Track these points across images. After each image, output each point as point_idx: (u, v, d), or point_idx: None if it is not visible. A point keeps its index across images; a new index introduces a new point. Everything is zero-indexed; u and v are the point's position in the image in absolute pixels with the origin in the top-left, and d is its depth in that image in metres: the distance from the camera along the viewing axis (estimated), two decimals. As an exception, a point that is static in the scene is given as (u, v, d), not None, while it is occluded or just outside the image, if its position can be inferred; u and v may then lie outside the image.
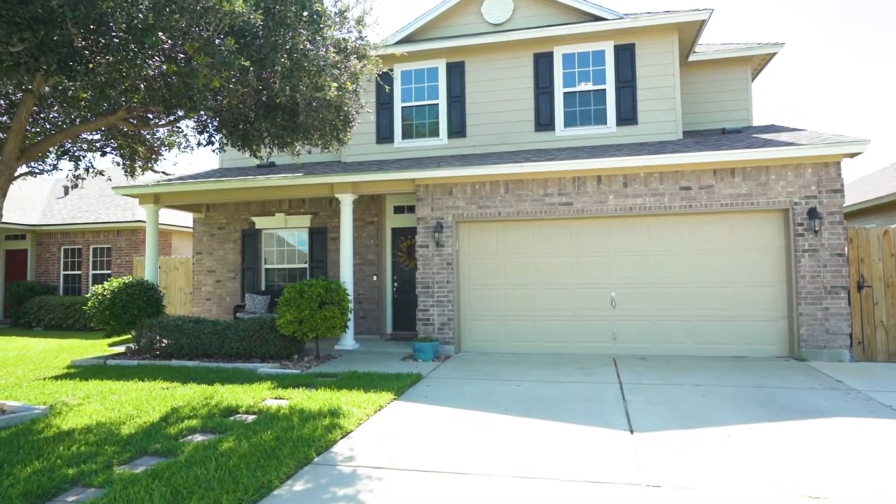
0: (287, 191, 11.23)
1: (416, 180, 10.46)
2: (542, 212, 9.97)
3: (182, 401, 6.94)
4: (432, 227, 10.33)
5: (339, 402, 6.67)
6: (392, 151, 12.48)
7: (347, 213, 10.84)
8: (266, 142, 7.17)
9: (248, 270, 13.17)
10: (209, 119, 6.89)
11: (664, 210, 9.51)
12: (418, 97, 12.54)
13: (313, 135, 7.38)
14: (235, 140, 6.83)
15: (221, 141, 7.22)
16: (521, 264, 10.24)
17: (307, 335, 9.55)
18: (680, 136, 11.27)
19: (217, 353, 10.04)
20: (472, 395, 7.23)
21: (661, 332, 9.63)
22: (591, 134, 11.60)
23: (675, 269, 9.63)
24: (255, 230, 13.19)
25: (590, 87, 11.73)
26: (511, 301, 10.23)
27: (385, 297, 12.51)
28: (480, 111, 12.13)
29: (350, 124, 7.63)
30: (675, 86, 11.35)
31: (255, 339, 9.87)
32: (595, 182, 9.80)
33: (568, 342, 9.99)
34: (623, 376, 8.08)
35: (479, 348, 10.32)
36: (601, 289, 9.91)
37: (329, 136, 7.51)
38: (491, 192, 10.19)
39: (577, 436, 5.50)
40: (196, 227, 13.54)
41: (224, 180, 11.32)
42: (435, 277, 10.31)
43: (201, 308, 13.35)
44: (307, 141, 7.72)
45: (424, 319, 10.31)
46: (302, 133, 7.15)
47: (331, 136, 7.52)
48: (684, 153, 9.27)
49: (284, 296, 9.56)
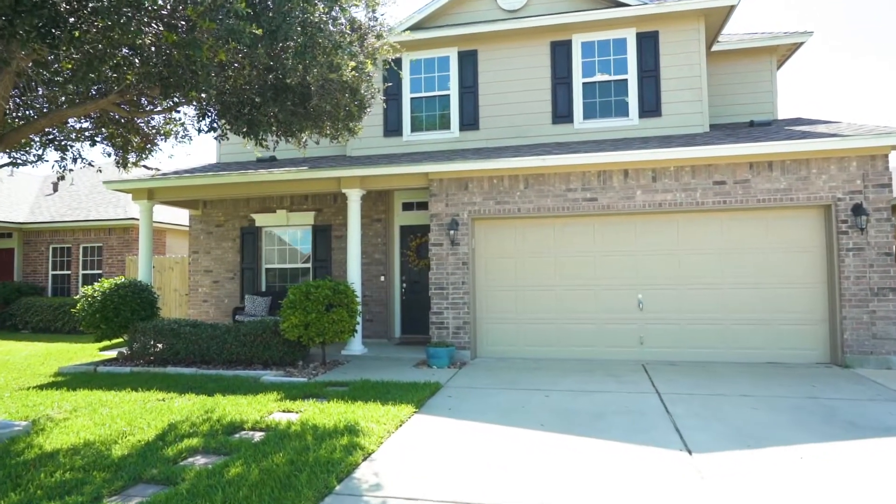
0: (290, 186, 10.55)
1: (430, 174, 9.81)
2: (565, 208, 9.34)
3: (180, 415, 6.27)
4: (447, 225, 9.69)
5: (356, 416, 6.01)
6: (400, 145, 11.83)
7: (355, 210, 10.17)
8: (273, 129, 6.48)
9: (248, 270, 12.48)
10: (211, 103, 6.21)
11: (696, 206, 8.90)
12: (428, 88, 11.89)
13: (325, 122, 6.72)
14: (240, 126, 6.15)
15: (224, 127, 6.53)
16: (541, 264, 9.61)
17: (313, 340, 8.88)
18: (707, 129, 10.67)
19: (216, 359, 9.35)
20: (500, 407, 6.59)
21: (691, 336, 9.02)
22: (612, 126, 10.99)
23: (706, 270, 9.02)
24: (255, 228, 12.50)
25: (610, 77, 11.12)
26: (530, 303, 9.60)
27: (393, 299, 11.85)
28: (494, 102, 11.50)
29: (365, 109, 6.97)
30: (701, 75, 10.75)
31: (256, 345, 9.20)
32: (622, 176, 9.18)
33: (591, 347, 9.36)
34: (658, 385, 7.46)
35: (496, 353, 9.68)
36: (627, 290, 9.29)
37: (341, 123, 6.86)
38: (510, 188, 9.55)
39: (630, 457, 4.87)
40: (192, 225, 12.84)
41: (223, 174, 10.63)
42: (450, 278, 9.66)
43: (198, 310, 12.64)
44: (317, 129, 7.05)
45: (438, 323, 9.66)
46: (313, 119, 6.48)
47: (343, 123, 6.86)
48: (719, 145, 8.67)
49: (289, 298, 8.89)
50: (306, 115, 6.43)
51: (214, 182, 10.59)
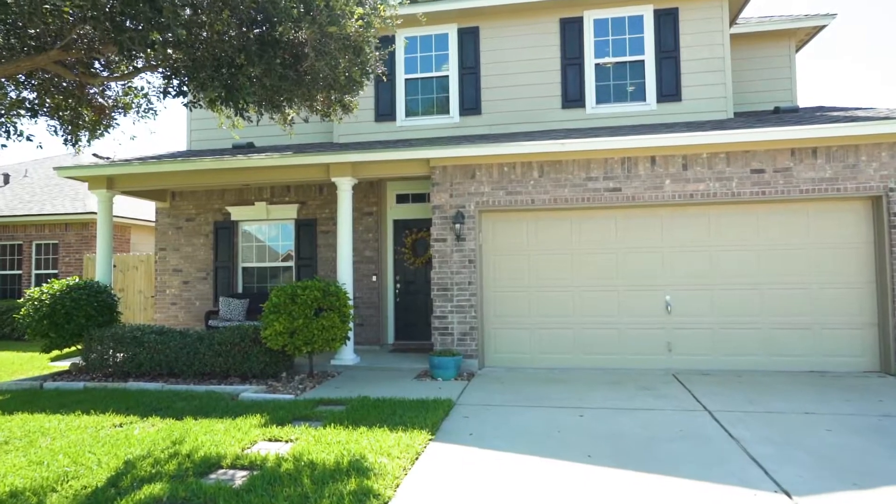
0: (271, 174, 9.33)
1: (432, 161, 8.71)
2: (585, 199, 8.33)
3: (141, 448, 5.06)
4: (451, 218, 8.59)
5: (361, 447, 4.88)
6: (394, 131, 10.70)
7: (346, 201, 9.01)
8: (256, 96, 5.29)
9: (223, 270, 11.21)
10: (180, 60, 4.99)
11: (731, 197, 7.97)
12: (425, 68, 10.79)
13: (319, 90, 5.56)
14: (215, 89, 4.95)
15: (196, 92, 5.31)
16: (557, 262, 8.59)
17: (300, 350, 7.72)
18: (731, 115, 9.80)
19: (186, 371, 8.12)
20: (529, 430, 5.53)
21: (725, 341, 8.10)
22: (628, 112, 10.04)
23: (742, 269, 8.11)
24: (231, 222, 11.23)
25: (626, 59, 10.17)
26: (545, 306, 8.57)
27: (386, 302, 10.71)
28: (498, 85, 10.45)
29: (369, 75, 5.84)
30: (724, 57, 9.87)
31: (233, 355, 7.99)
32: (648, 163, 8.21)
33: (613, 354, 8.37)
34: (703, 400, 6.50)
35: (506, 362, 8.63)
36: (654, 291, 8.33)
37: (338, 93, 5.70)
38: (522, 176, 8.51)
39: (716, 502, 3.86)
40: (159, 219, 11.50)
41: (194, 160, 9.36)
42: (454, 278, 8.57)
43: (165, 314, 11.32)
44: (308, 100, 5.89)
45: (442, 328, 8.56)
46: (305, 87, 5.32)
47: (341, 93, 5.71)
48: (758, 128, 7.76)
49: (272, 301, 7.71)
50: (298, 80, 5.27)
51: (185, 169, 9.31)
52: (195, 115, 11.76)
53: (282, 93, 5.55)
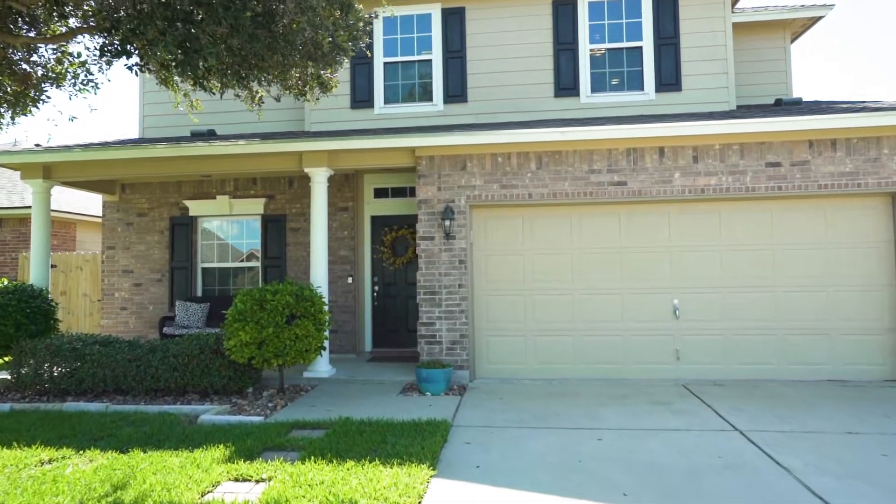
0: (236, 163, 8.29)
1: (417, 150, 7.83)
2: (587, 193, 7.59)
3: (71, 495, 4.04)
4: (439, 213, 7.74)
5: (351, 489, 3.99)
6: (372, 119, 9.78)
7: (321, 195, 8.06)
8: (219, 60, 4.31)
9: (180, 270, 10.07)
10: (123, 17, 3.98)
11: (745, 192, 7.35)
12: (406, 51, 9.89)
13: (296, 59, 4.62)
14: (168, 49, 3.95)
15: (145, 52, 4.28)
16: (555, 262, 7.82)
17: (270, 363, 6.75)
18: (733, 107, 9.23)
19: (136, 387, 7.05)
20: (545, 460, 4.72)
21: (737, 349, 7.48)
22: (625, 101, 9.37)
23: (755, 269, 7.50)
24: (189, 218, 10.10)
25: (623, 45, 9.49)
26: (542, 310, 7.80)
27: (363, 306, 9.77)
28: (485, 70, 9.64)
29: (357, 42, 4.93)
30: (726, 45, 9.30)
31: (192, 368, 6.96)
32: (656, 155, 7.52)
33: (617, 364, 7.66)
34: (728, 417, 5.82)
35: (499, 373, 7.82)
36: (660, 294, 7.65)
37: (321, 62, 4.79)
38: (519, 167, 7.71)
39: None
40: (107, 214, 10.28)
41: (146, 146, 8.25)
42: (443, 280, 7.71)
43: (114, 320, 10.11)
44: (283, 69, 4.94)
45: (429, 336, 7.70)
46: (280, 52, 4.38)
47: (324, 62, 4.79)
48: (777, 118, 7.15)
49: (236, 307, 6.72)
50: (272, 43, 4.33)
51: (135, 156, 8.19)
52: (148, 100, 10.58)
53: (251, 60, 4.59)
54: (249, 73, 4.73)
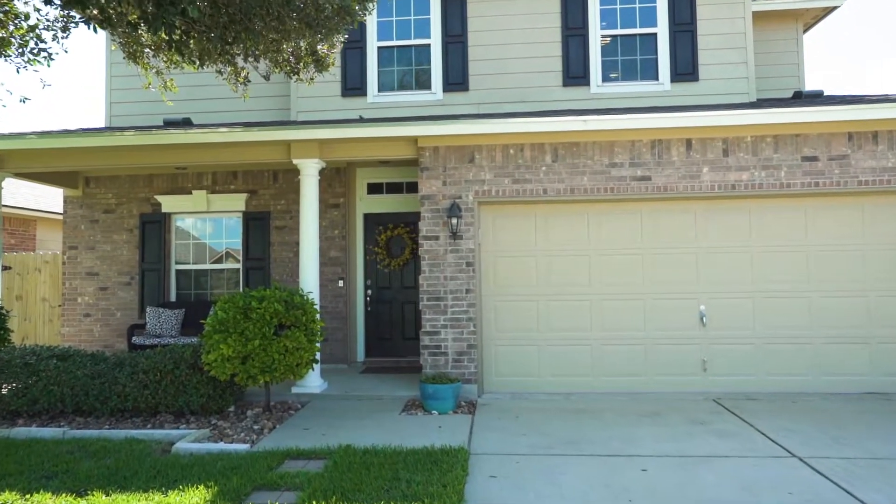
0: (215, 153, 7.42)
1: (420, 139, 7.06)
2: (607, 189, 6.91)
3: (11, 563, 3.19)
4: (445, 210, 6.98)
5: (368, 551, 3.21)
6: (364, 108, 8.98)
7: (311, 189, 7.24)
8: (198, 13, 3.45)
9: (151, 273, 9.13)
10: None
11: (779, 189, 6.75)
12: (402, 34, 9.12)
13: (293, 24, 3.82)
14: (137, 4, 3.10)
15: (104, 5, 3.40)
16: (571, 265, 7.13)
17: (255, 379, 5.92)
18: (753, 98, 8.68)
19: (100, 408, 6.17)
20: (591, 500, 4.00)
21: (769, 359, 6.87)
22: (638, 91, 8.75)
23: (788, 273, 6.91)
24: (162, 215, 9.17)
25: (636, 31, 8.87)
26: (557, 318, 7.10)
27: (355, 311, 8.96)
28: (488, 56, 8.92)
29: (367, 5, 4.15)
30: (746, 32, 8.74)
31: (165, 385, 6.10)
32: (683, 148, 6.87)
33: (639, 376, 7.00)
34: (777, 438, 5.20)
35: (510, 387, 7.10)
36: (686, 300, 7.01)
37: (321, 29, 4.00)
38: (532, 160, 7.00)
39: None
40: (69, 210, 9.29)
41: (114, 134, 7.34)
42: (448, 284, 6.96)
43: (76, 328, 9.13)
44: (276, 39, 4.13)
45: (433, 347, 6.93)
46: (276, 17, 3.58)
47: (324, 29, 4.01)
48: (815, 107, 6.57)
49: (217, 315, 5.88)
50: (264, 0, 3.52)
51: (101, 144, 7.26)
52: (115, 85, 9.63)
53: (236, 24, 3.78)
54: (237, 37, 3.91)
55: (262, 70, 5.40)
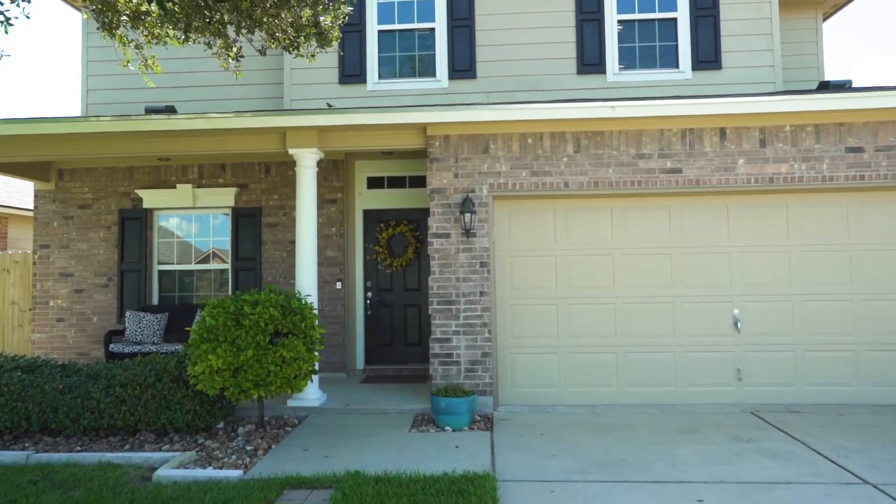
0: (203, 143, 6.74)
1: (430, 127, 6.43)
2: (634, 182, 6.33)
3: None
4: (457, 205, 6.35)
5: None
6: (364, 96, 8.34)
7: (309, 182, 6.58)
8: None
9: (131, 274, 8.39)
10: None
11: (820, 182, 6.21)
12: (404, 17, 8.49)
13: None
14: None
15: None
16: (594, 265, 6.54)
17: (248, 393, 5.26)
18: (780, 88, 8.16)
19: (71, 426, 5.48)
20: (649, 541, 3.40)
21: (809, 367, 6.33)
22: (657, 80, 8.21)
23: (830, 274, 6.37)
24: (143, 211, 8.44)
25: (655, 15, 8.32)
26: (578, 323, 6.51)
27: (354, 315, 8.30)
28: (497, 42, 8.32)
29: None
30: (772, 18, 8.24)
31: (146, 401, 5.41)
32: (717, 138, 6.31)
33: (668, 386, 6.42)
34: (839, 460, 4.64)
35: (526, 398, 6.48)
36: (719, 303, 6.45)
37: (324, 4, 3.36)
38: (552, 151, 6.39)
39: None
40: (40, 205, 8.53)
41: (90, 119, 6.64)
42: (461, 286, 6.33)
43: (48, 334, 8.37)
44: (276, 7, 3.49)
45: (444, 355, 6.30)
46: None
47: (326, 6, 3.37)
48: (864, 93, 6.05)
49: (206, 322, 5.21)
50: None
51: (76, 130, 6.53)
52: (92, 71, 8.90)
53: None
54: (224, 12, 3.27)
55: (257, 44, 4.75)
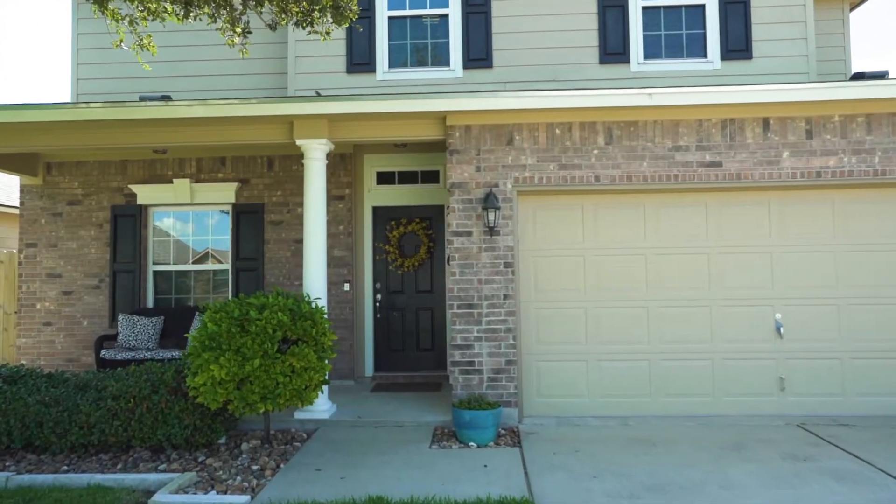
0: (203, 133, 6.22)
1: (449, 116, 5.94)
2: (670, 176, 5.87)
3: None
4: (479, 201, 5.87)
5: None
6: (373, 86, 7.85)
7: (317, 175, 6.08)
8: None
9: (124, 275, 7.87)
10: None
11: (872, 177, 5.77)
12: (416, 2, 8.03)
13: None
14: None
15: None
16: (625, 266, 6.08)
17: (254, 407, 4.76)
18: (814, 79, 7.71)
19: (57, 443, 4.98)
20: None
21: (857, 376, 5.88)
22: (684, 70, 7.76)
23: (879, 276, 5.93)
24: (138, 207, 7.92)
25: (682, 2, 7.87)
26: (608, 328, 6.04)
27: (363, 319, 7.80)
28: (514, 29, 7.86)
29: None
30: (805, 5, 7.80)
31: (140, 415, 4.91)
32: (759, 128, 5.85)
33: (705, 396, 5.96)
34: (912, 482, 4.17)
35: (553, 409, 6.01)
36: (759, 307, 5.99)
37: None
38: (582, 143, 5.92)
39: None
40: (27, 201, 7.99)
41: (79, 106, 6.12)
42: (483, 289, 5.85)
43: (35, 339, 7.83)
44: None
45: (465, 363, 5.82)
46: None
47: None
48: (920, 81, 5.60)
49: (207, 328, 4.71)
50: None
51: (65, 118, 6.01)
52: (83, 59, 8.39)
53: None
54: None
55: (267, 17, 4.26)
